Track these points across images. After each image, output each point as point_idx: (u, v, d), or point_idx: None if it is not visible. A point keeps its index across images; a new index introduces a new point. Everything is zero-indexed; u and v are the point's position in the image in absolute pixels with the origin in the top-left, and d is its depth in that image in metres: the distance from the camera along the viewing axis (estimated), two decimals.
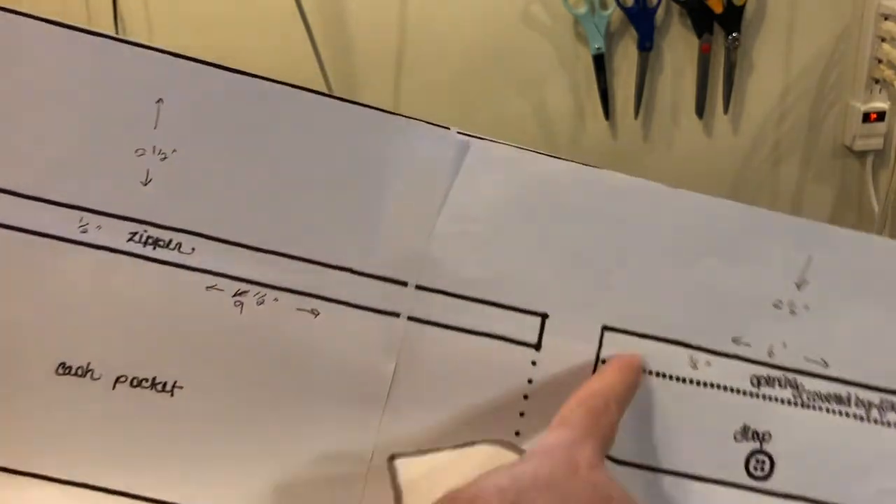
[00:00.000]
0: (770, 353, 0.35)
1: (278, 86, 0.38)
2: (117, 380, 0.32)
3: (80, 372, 0.32)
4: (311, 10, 0.98)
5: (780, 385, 0.35)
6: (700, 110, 1.06)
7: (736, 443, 0.34)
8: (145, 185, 0.34)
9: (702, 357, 0.35)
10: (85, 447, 0.32)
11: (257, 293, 0.34)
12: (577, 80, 1.06)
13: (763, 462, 0.34)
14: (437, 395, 0.34)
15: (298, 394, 0.33)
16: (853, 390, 0.35)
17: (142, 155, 0.34)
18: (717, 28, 1.02)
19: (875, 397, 0.35)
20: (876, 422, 0.34)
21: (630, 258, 0.36)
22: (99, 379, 0.32)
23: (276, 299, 0.34)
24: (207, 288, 0.34)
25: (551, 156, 0.41)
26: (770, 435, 0.34)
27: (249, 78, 0.39)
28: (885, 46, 1.01)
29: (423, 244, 0.35)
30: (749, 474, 0.34)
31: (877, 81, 1.05)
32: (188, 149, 0.35)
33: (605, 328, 0.35)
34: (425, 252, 0.35)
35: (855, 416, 0.34)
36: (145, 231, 0.34)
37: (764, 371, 0.35)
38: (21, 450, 0.32)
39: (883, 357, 0.36)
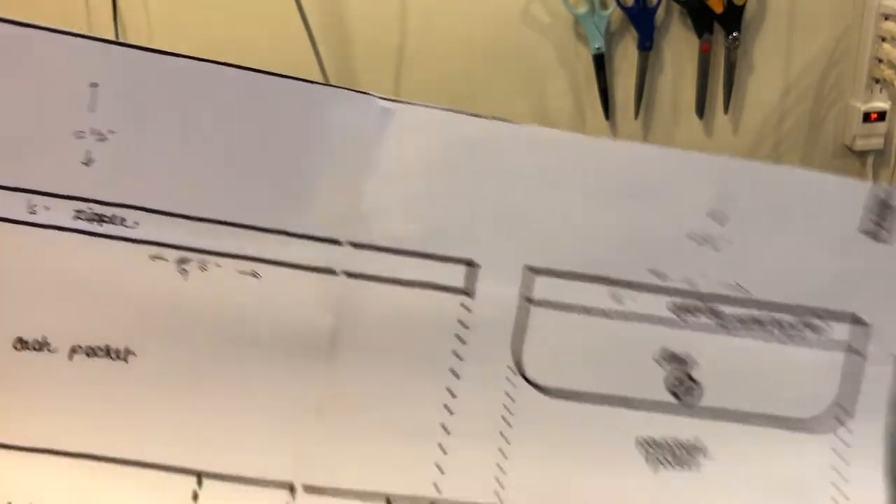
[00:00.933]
0: (689, 283, 0.37)
1: (207, 64, 0.39)
2: (73, 350, 0.34)
3: (36, 346, 0.33)
4: (310, 9, 0.98)
5: (700, 313, 0.37)
6: (700, 110, 1.06)
7: (657, 366, 0.35)
8: (87, 165, 0.35)
9: (622, 291, 0.37)
10: (46, 415, 0.33)
11: (200, 260, 0.35)
12: (577, 80, 1.06)
13: (686, 383, 0.35)
14: (377, 344, 0.37)
15: (246, 351, 0.34)
16: (772, 313, 0.36)
17: (81, 137, 0.35)
18: (717, 28, 1.02)
19: (792, 319, 0.37)
20: (789, 341, 0.36)
21: (551, 204, 0.38)
22: (55, 351, 0.34)
23: (217, 265, 0.35)
24: (152, 258, 0.35)
25: (473, 115, 0.43)
26: (692, 358, 0.36)
27: (179, 58, 0.38)
28: (886, 46, 1.01)
29: (354, 204, 0.36)
30: (674, 395, 0.35)
31: (877, 81, 1.05)
32: (125, 129, 0.36)
33: (530, 269, 0.36)
34: (356, 211, 0.36)
35: (772, 336, 0.36)
36: (90, 208, 0.35)
37: (683, 301, 0.36)
38: None
39: (799, 280, 0.37)
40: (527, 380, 0.35)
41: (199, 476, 0.33)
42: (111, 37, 1.00)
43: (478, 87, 1.05)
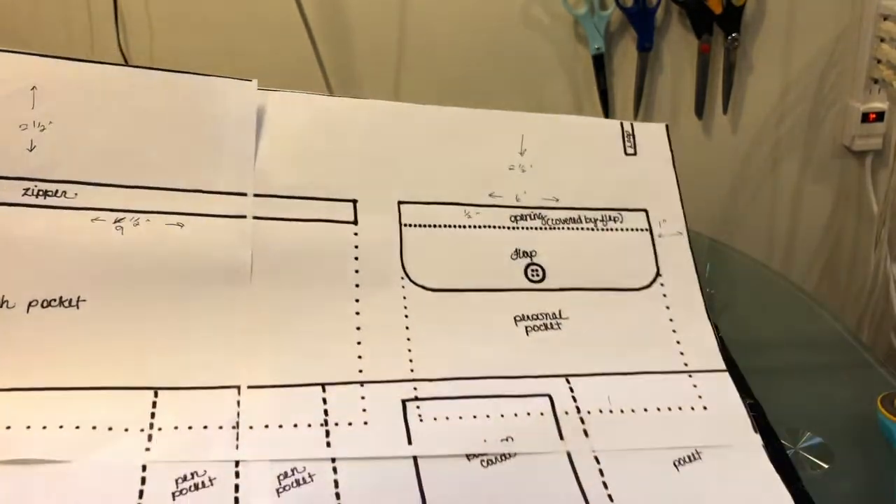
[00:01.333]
0: (517, 199, 0.50)
1: (117, 68, 0.48)
2: (30, 304, 0.40)
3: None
4: (311, 10, 0.98)
5: (531, 219, 0.50)
6: (699, 110, 1.06)
7: (513, 261, 0.47)
8: (31, 151, 0.43)
9: (472, 210, 0.49)
10: (11, 360, 0.39)
11: (133, 218, 0.43)
12: (576, 81, 1.06)
13: (536, 270, 0.48)
14: (289, 270, 0.45)
15: (180, 287, 0.42)
16: (581, 213, 0.50)
17: (25, 129, 0.43)
18: (716, 28, 1.02)
19: (598, 215, 0.51)
20: (602, 229, 0.50)
21: (407, 154, 0.50)
22: (14, 307, 0.40)
23: (148, 220, 0.43)
24: (92, 220, 0.42)
25: (329, 96, 0.53)
26: (535, 252, 0.48)
27: (95, 65, 0.47)
28: (885, 46, 1.02)
29: (252, 165, 0.46)
30: (529, 280, 0.47)
31: (876, 81, 1.05)
32: (61, 120, 0.44)
33: (400, 202, 0.48)
34: (255, 171, 0.46)
35: (587, 228, 0.50)
36: (36, 186, 0.42)
37: (517, 212, 0.49)
38: None
39: (593, 189, 0.52)
40: (414, 283, 0.45)
41: (156, 391, 0.40)
42: (111, 35, 1.01)
43: (477, 87, 1.06)
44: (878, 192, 1.10)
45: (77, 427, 0.38)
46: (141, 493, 0.37)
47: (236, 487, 0.38)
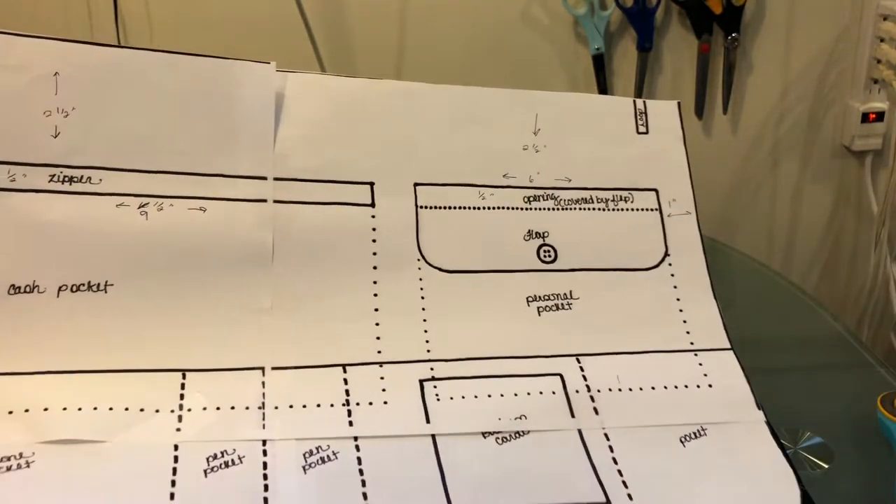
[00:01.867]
0: (531, 180, 0.51)
1: (138, 52, 0.47)
2: (60, 289, 0.41)
3: (28, 289, 0.40)
4: (311, 10, 0.98)
5: (544, 199, 0.51)
6: (699, 110, 1.06)
7: (526, 242, 0.48)
8: (55, 137, 0.43)
9: (486, 191, 0.50)
10: (42, 345, 0.40)
11: (157, 203, 0.44)
12: (576, 81, 1.06)
13: (548, 251, 0.49)
14: (309, 252, 0.46)
15: (204, 270, 0.43)
16: (593, 193, 0.52)
17: (49, 115, 0.43)
18: (716, 28, 1.02)
19: (609, 195, 0.52)
20: (613, 210, 0.52)
21: (423, 136, 0.50)
22: (44, 291, 0.41)
23: (171, 205, 0.44)
24: (117, 206, 0.43)
25: (348, 77, 0.54)
26: (548, 233, 0.50)
27: (116, 49, 0.47)
28: (884, 46, 1.02)
29: (271, 149, 0.47)
30: (541, 261, 0.48)
31: (875, 81, 1.05)
32: (84, 106, 0.44)
33: (416, 184, 0.49)
34: (275, 154, 0.47)
35: (598, 209, 0.51)
36: (61, 172, 0.43)
37: (531, 192, 0.50)
38: None
39: (605, 169, 0.53)
40: (430, 265, 0.46)
41: (184, 372, 0.41)
42: (112, 36, 1.01)
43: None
44: (877, 192, 1.10)
45: (110, 409, 0.39)
46: (174, 471, 0.38)
47: (264, 465, 0.39)
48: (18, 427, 0.38)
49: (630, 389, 0.46)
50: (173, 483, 0.37)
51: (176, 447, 0.39)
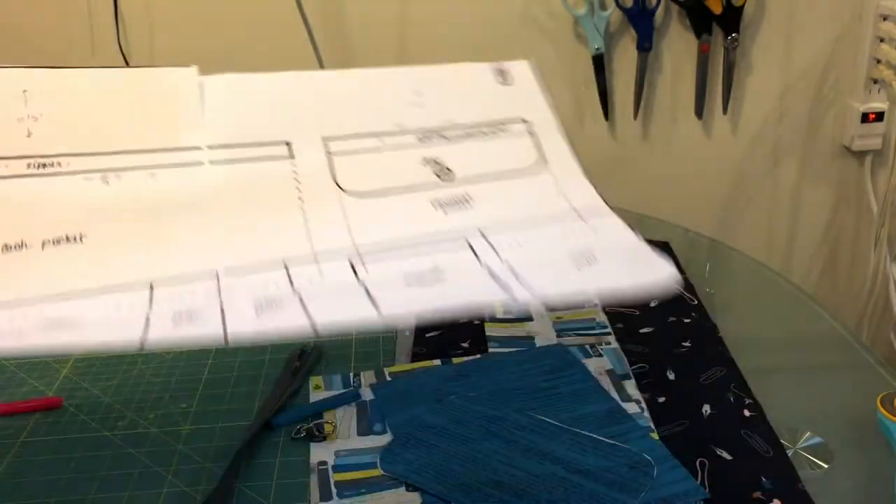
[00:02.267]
0: (419, 126, 0.59)
1: (87, 70, 0.58)
2: (43, 244, 0.49)
3: (17, 247, 0.48)
4: (311, 11, 0.98)
5: (434, 138, 0.59)
6: (699, 110, 1.07)
7: (424, 167, 0.57)
8: (28, 137, 0.53)
9: (384, 137, 0.58)
10: (32, 291, 0.47)
11: (115, 174, 0.53)
12: (576, 81, 1.06)
13: (445, 171, 0.57)
14: (243, 196, 0.54)
15: (159, 217, 0.52)
16: (475, 129, 0.60)
17: (21, 121, 0.53)
18: (716, 28, 1.02)
19: (487, 129, 0.61)
20: (495, 137, 0.61)
21: (321, 106, 0.61)
22: (31, 247, 0.49)
23: (127, 174, 0.53)
24: (83, 179, 0.52)
25: (252, 73, 0.63)
26: (441, 158, 0.57)
27: (70, 69, 0.58)
28: (884, 47, 1.02)
29: (202, 127, 0.56)
30: (439, 178, 0.56)
31: (875, 82, 1.05)
32: (48, 113, 0.55)
33: (324, 138, 0.58)
34: (205, 131, 0.56)
35: (482, 137, 0.60)
36: (35, 161, 0.52)
37: (420, 134, 0.59)
38: None
39: (481, 111, 0.62)
40: (345, 191, 0.55)
41: (151, 284, 0.49)
42: (112, 35, 1.01)
43: None
44: (877, 192, 1.10)
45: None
46: (147, 319, 0.46)
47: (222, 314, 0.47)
48: None
49: (527, 241, 0.54)
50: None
51: (148, 320, 0.47)
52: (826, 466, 0.53)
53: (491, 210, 0.54)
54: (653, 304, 0.72)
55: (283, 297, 0.47)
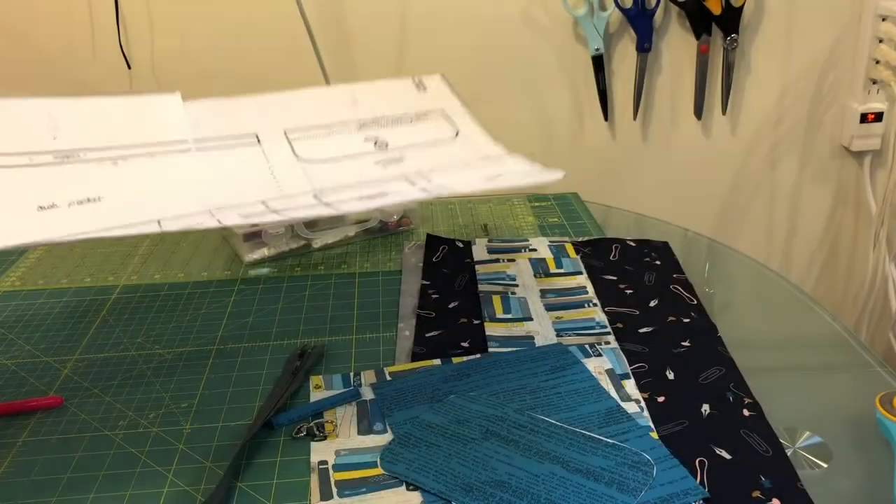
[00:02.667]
0: (358, 119, 0.72)
1: (100, 98, 0.67)
2: (69, 204, 0.59)
3: (48, 206, 0.58)
4: (312, 12, 0.99)
5: (369, 125, 0.72)
6: (698, 111, 1.07)
7: (365, 143, 0.68)
8: (54, 139, 0.63)
9: (332, 126, 0.71)
10: (62, 233, 0.56)
11: (122, 158, 0.64)
12: (576, 81, 1.06)
13: (382, 143, 0.68)
14: (224, 170, 0.65)
15: (159, 182, 0.63)
16: (401, 117, 0.72)
17: (49, 132, 0.64)
18: (715, 29, 1.02)
19: (411, 117, 0.72)
20: (416, 122, 0.73)
21: (282, 112, 0.72)
22: (60, 207, 0.59)
23: (135, 158, 0.64)
24: (97, 163, 0.63)
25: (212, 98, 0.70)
26: (379, 136, 0.69)
27: (90, 98, 0.68)
28: (883, 47, 1.02)
29: (189, 128, 0.67)
30: (377, 148, 0.67)
31: (874, 82, 1.05)
32: (67, 126, 0.65)
33: (285, 132, 0.69)
34: (188, 130, 0.67)
35: (407, 123, 0.73)
36: (60, 153, 0.63)
37: (360, 123, 0.71)
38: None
39: (406, 107, 0.74)
40: (304, 160, 0.67)
41: (159, 221, 0.58)
42: (112, 35, 1.01)
43: (478, 89, 1.06)
44: (876, 193, 1.10)
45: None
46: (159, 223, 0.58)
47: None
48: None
49: (449, 173, 0.67)
50: None
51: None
52: (825, 466, 0.53)
53: (421, 162, 0.68)
54: (653, 304, 0.72)
55: (264, 213, 0.60)
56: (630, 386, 0.61)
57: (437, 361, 0.65)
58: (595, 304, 0.73)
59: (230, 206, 0.60)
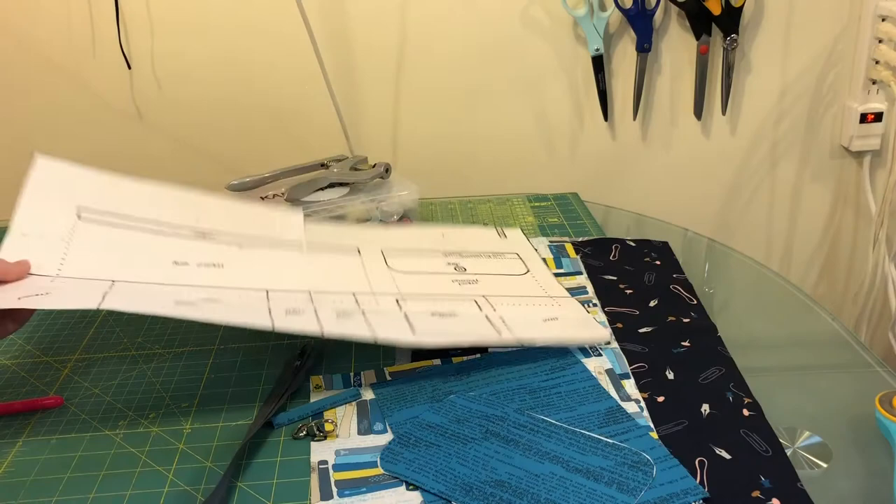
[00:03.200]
0: (445, 254, 0.81)
1: (232, 200, 0.79)
2: (198, 265, 0.67)
3: (182, 263, 0.67)
4: (312, 11, 0.99)
5: (454, 255, 0.81)
6: (698, 111, 1.07)
7: (448, 265, 0.78)
8: (197, 221, 0.73)
9: (425, 252, 0.81)
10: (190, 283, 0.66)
11: (248, 247, 0.73)
12: (576, 81, 1.06)
13: (461, 267, 0.78)
14: (329, 268, 0.74)
15: (274, 265, 0.72)
16: (483, 253, 0.81)
17: (198, 220, 0.73)
18: (715, 29, 1.02)
19: (491, 253, 0.82)
20: (497, 258, 0.81)
21: (386, 240, 0.82)
22: (191, 265, 0.67)
23: (254, 249, 0.74)
24: (227, 245, 0.72)
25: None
26: (460, 263, 0.79)
27: (220, 198, 0.78)
28: (883, 47, 1.02)
29: (302, 236, 0.78)
30: (456, 271, 0.77)
31: (874, 82, 1.05)
32: (209, 216, 0.75)
33: (382, 250, 0.79)
34: (303, 237, 0.77)
35: (488, 258, 0.81)
36: (199, 231, 0.72)
37: (446, 253, 0.81)
38: None
39: (487, 246, 0.84)
40: (394, 270, 0.75)
41: (267, 292, 0.66)
42: (112, 35, 1.01)
43: (478, 89, 1.06)
44: (875, 193, 1.10)
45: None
46: (269, 309, 0.62)
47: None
48: None
49: (512, 305, 0.71)
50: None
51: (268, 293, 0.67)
52: (825, 465, 0.53)
53: (492, 288, 0.73)
54: (652, 304, 0.72)
55: (353, 310, 0.64)
56: (630, 386, 0.61)
57: (437, 361, 0.65)
58: (595, 304, 0.73)
59: (326, 291, 0.67)
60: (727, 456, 0.53)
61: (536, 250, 0.84)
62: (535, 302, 0.72)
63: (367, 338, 0.60)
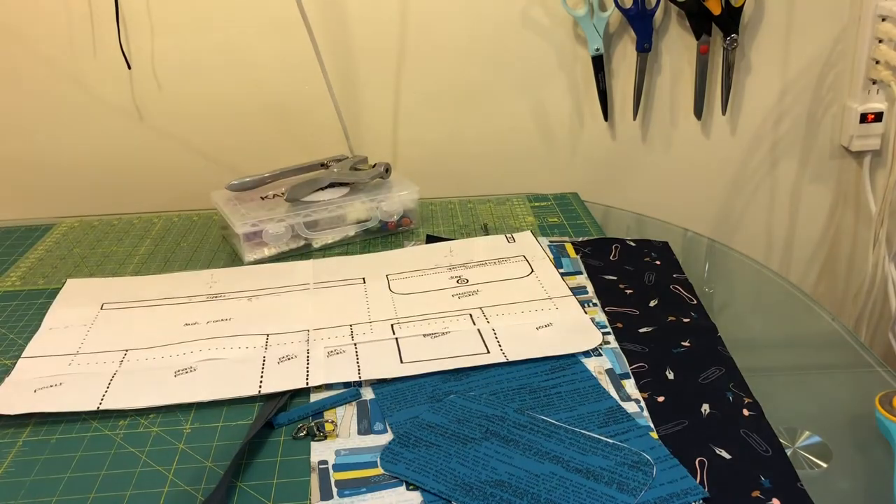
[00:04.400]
0: (449, 265, 0.83)
1: (244, 267, 0.86)
2: (207, 322, 0.73)
3: (192, 323, 0.73)
4: (312, 11, 0.99)
5: (458, 268, 0.83)
6: (698, 111, 1.07)
7: (450, 279, 0.80)
8: (210, 287, 0.81)
9: (428, 270, 0.83)
10: (196, 337, 0.71)
11: (257, 297, 0.79)
12: (576, 81, 1.06)
13: (463, 279, 0.79)
14: (333, 302, 0.77)
15: (279, 311, 0.76)
16: (488, 261, 0.84)
17: (211, 287, 0.81)
18: (715, 29, 1.02)
19: (497, 260, 0.84)
20: (500, 264, 0.82)
21: (393, 263, 0.85)
22: (200, 323, 0.73)
23: (264, 296, 0.79)
24: (236, 299, 0.78)
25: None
26: (462, 275, 0.80)
27: (234, 269, 0.85)
28: (883, 47, 1.02)
29: (309, 277, 0.83)
30: (458, 283, 0.79)
31: (874, 82, 1.05)
32: (221, 282, 0.82)
33: (387, 275, 0.82)
34: (309, 278, 0.83)
35: (492, 264, 0.83)
36: (212, 294, 0.79)
37: (450, 267, 0.83)
38: None
39: (494, 254, 0.85)
40: (396, 293, 0.78)
41: (267, 336, 0.71)
42: (112, 34, 1.01)
43: (478, 89, 1.06)
44: (876, 193, 1.10)
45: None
46: (263, 359, 0.66)
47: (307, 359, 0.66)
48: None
49: (510, 313, 0.72)
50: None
51: (264, 360, 0.67)
52: (825, 465, 0.53)
53: (491, 297, 0.75)
54: (652, 304, 0.72)
55: (345, 346, 0.67)
56: (630, 386, 0.61)
57: None
58: (595, 304, 0.73)
59: (325, 328, 0.70)
60: (727, 456, 0.53)
61: (541, 249, 0.84)
62: (531, 307, 0.73)
63: (353, 379, 0.62)
